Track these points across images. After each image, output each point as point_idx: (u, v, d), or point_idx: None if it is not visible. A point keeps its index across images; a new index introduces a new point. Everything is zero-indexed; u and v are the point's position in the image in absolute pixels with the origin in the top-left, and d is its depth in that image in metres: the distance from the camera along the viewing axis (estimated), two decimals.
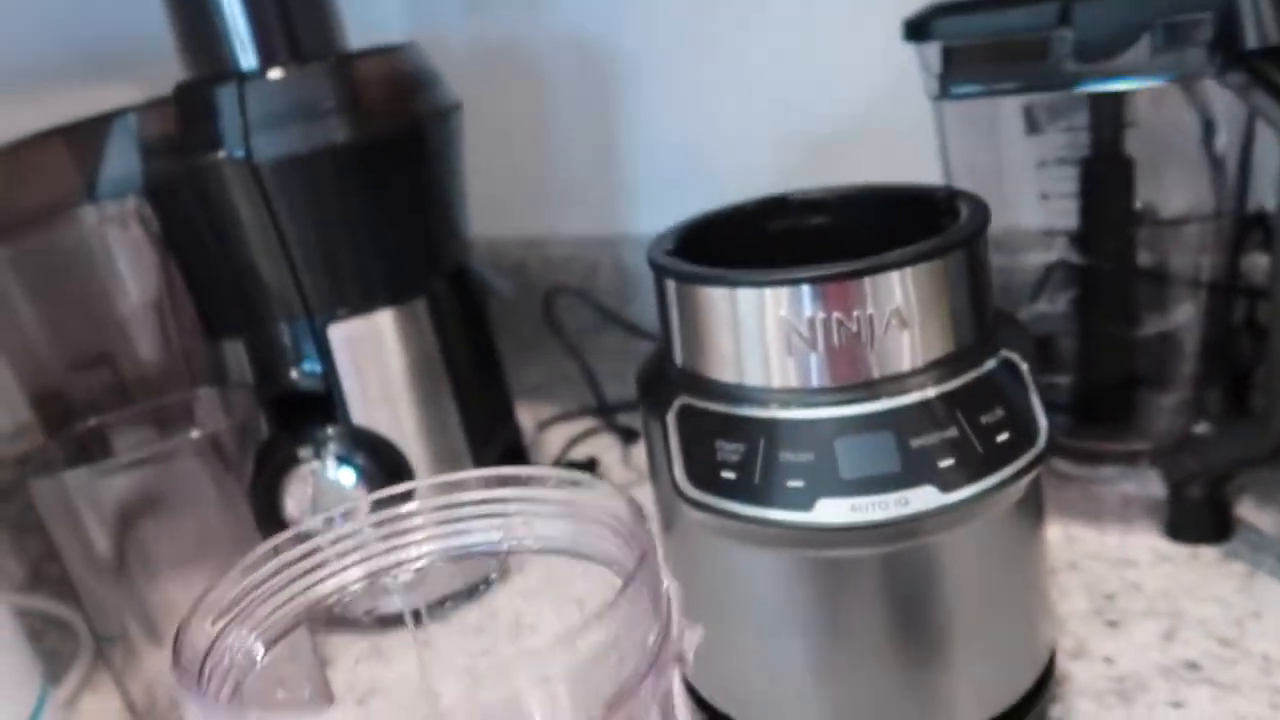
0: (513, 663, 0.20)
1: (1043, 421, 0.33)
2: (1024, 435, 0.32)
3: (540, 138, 0.83)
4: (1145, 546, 0.46)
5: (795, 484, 0.31)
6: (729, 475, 0.32)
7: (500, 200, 0.78)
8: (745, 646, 0.35)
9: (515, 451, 0.58)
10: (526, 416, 0.65)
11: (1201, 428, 0.47)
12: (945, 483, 0.31)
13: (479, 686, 0.20)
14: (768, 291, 0.32)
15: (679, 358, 0.36)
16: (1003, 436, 0.32)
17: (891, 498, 0.31)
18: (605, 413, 0.69)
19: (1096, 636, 0.41)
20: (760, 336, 0.33)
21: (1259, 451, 0.42)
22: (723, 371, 0.34)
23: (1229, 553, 0.45)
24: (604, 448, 0.67)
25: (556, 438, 0.69)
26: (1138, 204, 0.48)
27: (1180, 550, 0.45)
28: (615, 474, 0.63)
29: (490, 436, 0.55)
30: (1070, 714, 0.37)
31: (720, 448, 0.32)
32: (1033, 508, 0.36)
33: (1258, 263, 0.51)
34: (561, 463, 0.65)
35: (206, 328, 0.50)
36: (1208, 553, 0.45)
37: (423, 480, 0.29)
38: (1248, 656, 0.39)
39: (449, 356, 0.51)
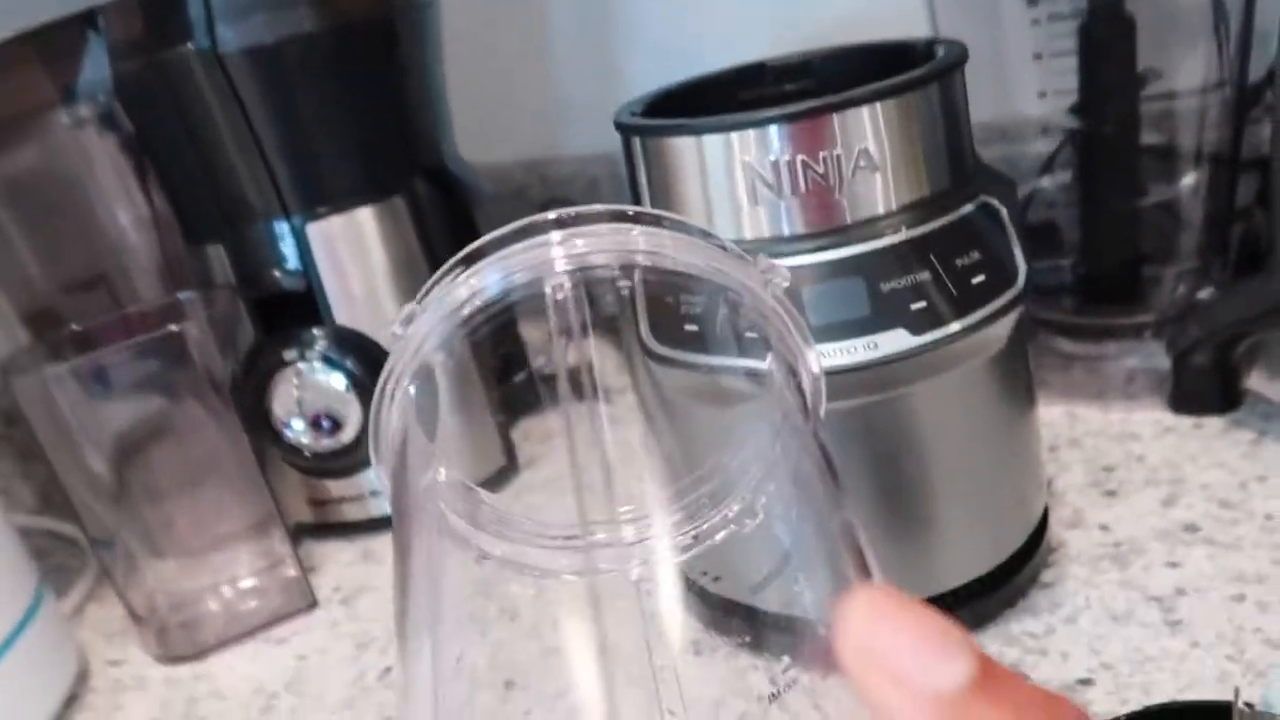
0: None
1: (1022, 265, 0.32)
2: (1001, 277, 0.31)
3: (537, 56, 0.81)
4: (1149, 420, 0.45)
5: (757, 333, 0.30)
6: (691, 328, 0.31)
7: (499, 124, 0.76)
8: None
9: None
10: None
11: (1206, 294, 0.45)
12: (916, 325, 0.30)
13: None
14: (734, 136, 0.31)
15: None
16: (978, 279, 0.31)
17: (860, 342, 0.30)
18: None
19: (1093, 506, 0.40)
20: (728, 187, 0.32)
21: (1265, 306, 0.40)
22: None
23: (1235, 422, 0.43)
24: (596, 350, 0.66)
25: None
26: (1139, 67, 0.46)
27: (1184, 421, 0.44)
28: (608, 376, 0.62)
29: None
30: (1063, 578, 0.36)
31: (684, 301, 0.31)
32: (1016, 362, 0.34)
33: (1264, 136, 0.49)
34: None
35: (185, 233, 0.50)
36: (1213, 423, 0.43)
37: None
38: (1250, 517, 0.37)
39: (432, 255, 0.50)
